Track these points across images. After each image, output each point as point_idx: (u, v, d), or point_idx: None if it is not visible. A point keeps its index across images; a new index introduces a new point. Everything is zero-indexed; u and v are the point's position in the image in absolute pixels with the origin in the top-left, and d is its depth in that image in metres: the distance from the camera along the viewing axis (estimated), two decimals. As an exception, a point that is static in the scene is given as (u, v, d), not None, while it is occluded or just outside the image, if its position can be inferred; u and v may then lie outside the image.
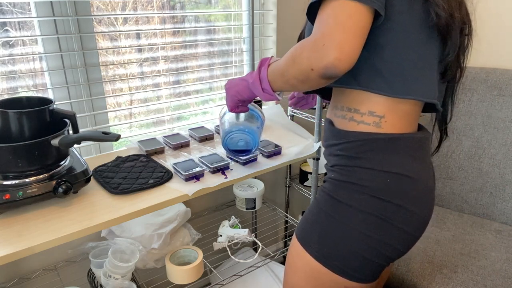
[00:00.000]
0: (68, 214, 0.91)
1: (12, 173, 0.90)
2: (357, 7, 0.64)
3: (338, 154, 0.79)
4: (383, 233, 0.75)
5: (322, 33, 0.63)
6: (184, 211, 1.32)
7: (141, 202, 0.96)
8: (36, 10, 1.11)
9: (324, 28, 0.64)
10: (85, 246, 1.19)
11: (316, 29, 0.66)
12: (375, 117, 0.74)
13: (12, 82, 1.16)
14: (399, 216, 0.75)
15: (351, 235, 0.75)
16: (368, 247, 0.75)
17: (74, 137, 0.92)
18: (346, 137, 0.77)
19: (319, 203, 0.80)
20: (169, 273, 1.20)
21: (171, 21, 1.41)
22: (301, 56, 0.67)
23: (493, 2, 1.57)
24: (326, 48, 0.62)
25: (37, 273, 1.24)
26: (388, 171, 0.74)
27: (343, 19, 0.63)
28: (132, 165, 1.13)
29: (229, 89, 0.94)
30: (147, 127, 1.46)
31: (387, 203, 0.74)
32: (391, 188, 0.74)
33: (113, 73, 1.33)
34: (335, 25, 0.63)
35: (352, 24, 0.63)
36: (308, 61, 0.65)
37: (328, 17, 0.64)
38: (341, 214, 0.76)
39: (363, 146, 0.75)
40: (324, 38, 0.63)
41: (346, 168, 0.77)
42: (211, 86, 1.60)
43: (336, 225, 0.76)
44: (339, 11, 0.63)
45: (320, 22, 0.65)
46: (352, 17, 0.63)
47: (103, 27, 1.27)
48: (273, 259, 1.66)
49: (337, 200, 0.77)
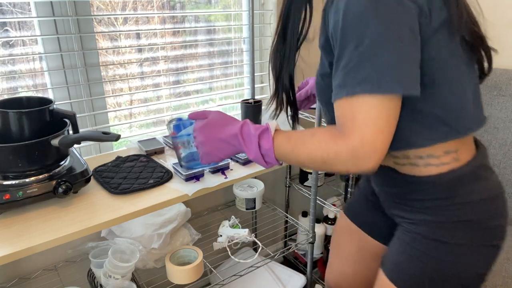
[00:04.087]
0: (68, 214, 0.91)
1: (12, 173, 0.90)
2: (395, 101, 0.61)
3: (424, 199, 0.75)
4: (492, 259, 0.73)
5: (361, 140, 0.60)
6: (184, 211, 1.32)
7: (141, 202, 0.96)
8: (36, 10, 1.11)
9: (363, 133, 0.60)
10: (85, 246, 1.18)
11: (349, 129, 0.62)
12: (451, 153, 0.71)
13: (12, 82, 1.16)
14: (501, 235, 0.73)
15: (465, 272, 0.72)
16: (479, 278, 0.74)
17: (74, 137, 0.92)
18: (431, 182, 0.73)
19: (419, 248, 0.75)
20: (169, 273, 1.20)
21: (171, 21, 1.41)
22: (336, 161, 0.64)
23: (493, 1, 1.57)
24: (369, 156, 0.60)
25: (37, 273, 1.24)
26: (487, 197, 0.71)
27: (382, 123, 0.60)
28: (132, 165, 1.13)
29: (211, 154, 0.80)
30: (147, 127, 1.46)
31: (495, 229, 0.72)
32: (496, 212, 0.72)
33: (113, 73, 1.33)
34: (378, 131, 0.60)
35: (392, 124, 0.61)
36: (345, 166, 0.63)
37: (366, 119, 0.60)
38: (453, 255, 0.72)
39: (453, 184, 0.72)
40: (364, 147, 0.60)
41: (440, 209, 0.73)
42: (211, 86, 1.60)
43: (449, 266, 0.73)
44: (377, 112, 0.60)
45: (355, 122, 0.61)
46: (391, 116, 0.61)
47: (103, 27, 1.27)
48: (273, 259, 1.66)
49: (442, 241, 0.73)
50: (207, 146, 0.79)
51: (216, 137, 0.77)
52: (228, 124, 0.77)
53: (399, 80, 0.59)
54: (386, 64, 0.59)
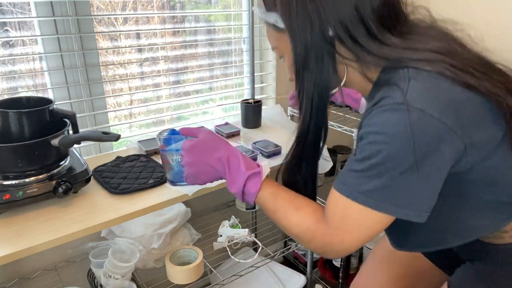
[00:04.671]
0: (68, 214, 0.91)
1: (12, 173, 0.90)
2: (388, 220, 0.62)
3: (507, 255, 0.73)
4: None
5: (340, 241, 0.64)
6: (184, 211, 1.32)
7: (141, 202, 0.96)
8: (36, 10, 1.11)
9: (345, 237, 0.63)
10: (85, 246, 1.18)
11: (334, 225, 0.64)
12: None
13: (12, 82, 1.16)
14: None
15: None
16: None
17: (74, 137, 0.92)
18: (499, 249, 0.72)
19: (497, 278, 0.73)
20: (169, 273, 1.19)
21: (171, 21, 1.41)
22: (309, 244, 0.68)
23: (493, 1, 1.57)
24: (337, 253, 0.65)
25: (37, 273, 1.24)
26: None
27: (366, 235, 0.62)
28: (132, 165, 1.13)
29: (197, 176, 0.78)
30: (147, 127, 1.46)
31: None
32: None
33: (113, 73, 1.33)
34: (357, 239, 0.63)
35: (372, 237, 0.63)
36: (314, 249, 0.68)
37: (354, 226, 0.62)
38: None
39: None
40: (339, 246, 0.64)
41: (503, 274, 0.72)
42: (211, 86, 1.60)
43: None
44: (367, 225, 0.62)
45: (343, 223, 0.63)
46: (376, 231, 0.63)
47: (103, 27, 1.27)
48: (273, 259, 1.65)
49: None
50: (194, 168, 0.77)
51: (203, 161, 0.76)
52: (219, 149, 0.76)
53: (403, 207, 0.60)
54: (396, 189, 0.59)
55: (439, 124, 0.56)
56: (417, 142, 0.56)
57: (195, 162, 0.76)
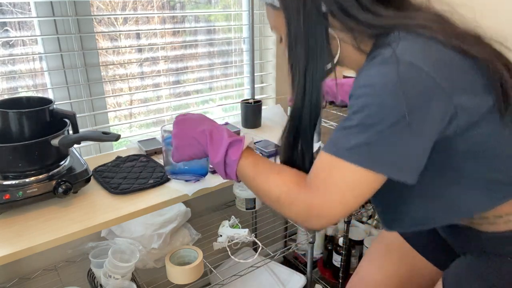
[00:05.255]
0: (68, 214, 0.91)
1: (12, 173, 0.90)
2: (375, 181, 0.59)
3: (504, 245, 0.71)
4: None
5: (321, 204, 0.59)
6: (184, 211, 1.32)
7: (141, 202, 0.96)
8: (36, 10, 1.11)
9: (327, 196, 0.59)
10: (85, 246, 1.18)
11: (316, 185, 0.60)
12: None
13: (12, 82, 1.16)
14: None
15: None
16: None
17: (74, 137, 0.92)
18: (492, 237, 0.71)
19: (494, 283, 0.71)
20: (169, 273, 1.19)
21: (171, 21, 1.41)
22: (290, 208, 0.64)
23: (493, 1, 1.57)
24: (320, 219, 0.60)
25: (37, 273, 1.24)
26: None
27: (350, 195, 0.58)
28: (132, 165, 1.13)
29: (179, 148, 0.80)
30: (147, 127, 1.46)
31: None
32: None
33: (113, 73, 1.33)
34: (341, 201, 0.59)
35: (358, 201, 0.59)
36: (295, 216, 0.63)
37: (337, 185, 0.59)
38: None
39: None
40: (321, 209, 0.60)
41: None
42: (211, 86, 1.60)
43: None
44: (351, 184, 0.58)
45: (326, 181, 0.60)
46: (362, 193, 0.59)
47: (103, 27, 1.27)
48: (273, 259, 1.65)
49: None
50: (178, 140, 0.79)
51: (187, 132, 0.78)
52: (204, 123, 0.77)
53: (391, 164, 0.57)
54: (384, 144, 0.57)
55: (428, 78, 0.55)
56: (406, 93, 0.55)
57: (180, 135, 0.79)
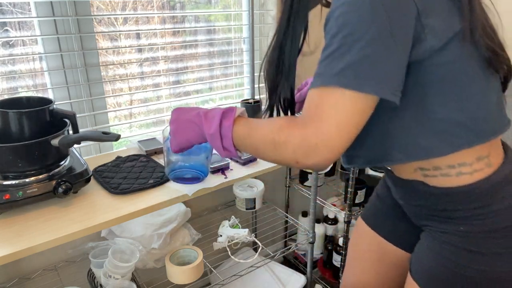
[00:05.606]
0: (68, 214, 0.91)
1: (12, 173, 0.90)
2: (367, 103, 0.58)
3: (458, 209, 0.71)
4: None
5: (316, 130, 0.58)
6: (184, 211, 1.32)
7: (141, 202, 0.96)
8: (36, 10, 1.11)
9: (321, 124, 0.58)
10: (85, 246, 1.19)
11: (309, 118, 0.59)
12: (483, 159, 0.68)
13: (12, 82, 1.16)
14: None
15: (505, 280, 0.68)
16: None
17: (74, 137, 0.92)
18: (465, 191, 0.69)
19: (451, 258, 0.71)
20: (169, 273, 1.20)
21: (171, 21, 1.41)
22: (286, 146, 0.61)
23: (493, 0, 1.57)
24: (319, 150, 0.58)
25: (37, 273, 1.24)
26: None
27: (344, 120, 0.57)
28: (132, 165, 1.13)
29: (176, 133, 0.81)
30: (147, 127, 1.46)
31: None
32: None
33: (113, 73, 1.33)
34: (335, 126, 0.57)
35: (355, 125, 0.58)
36: (294, 154, 0.60)
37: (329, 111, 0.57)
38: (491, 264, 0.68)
39: (489, 191, 0.68)
40: (317, 137, 0.58)
41: (476, 218, 0.69)
42: (211, 86, 1.60)
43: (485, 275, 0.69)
44: (343, 107, 0.57)
45: (317, 111, 0.58)
46: (357, 116, 0.57)
47: (103, 27, 1.27)
48: (273, 259, 1.66)
49: (478, 252, 0.69)
50: (174, 124, 0.81)
51: (183, 117, 0.80)
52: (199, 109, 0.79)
53: (378, 82, 0.57)
54: (369, 62, 0.56)
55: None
56: (385, 4, 0.56)
57: (176, 119, 0.81)
